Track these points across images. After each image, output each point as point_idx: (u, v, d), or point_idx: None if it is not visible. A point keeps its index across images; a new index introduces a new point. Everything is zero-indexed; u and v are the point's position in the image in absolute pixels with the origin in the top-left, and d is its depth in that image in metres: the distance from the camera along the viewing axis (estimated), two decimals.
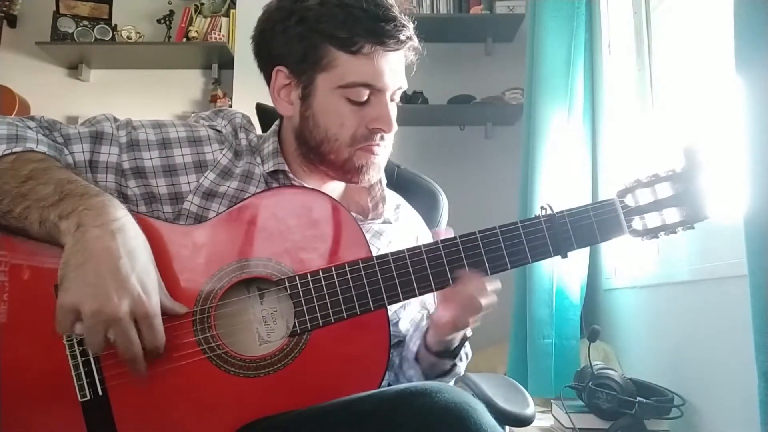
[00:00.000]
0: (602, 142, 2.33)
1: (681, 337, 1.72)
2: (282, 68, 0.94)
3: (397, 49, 0.91)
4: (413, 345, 1.00)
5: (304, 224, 0.87)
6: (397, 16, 0.90)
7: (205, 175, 0.94)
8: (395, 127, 0.94)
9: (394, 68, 0.92)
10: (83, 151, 0.90)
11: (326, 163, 0.95)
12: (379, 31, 0.89)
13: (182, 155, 0.94)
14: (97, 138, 0.91)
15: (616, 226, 0.88)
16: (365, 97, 0.91)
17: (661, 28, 2.10)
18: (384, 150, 0.96)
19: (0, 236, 0.81)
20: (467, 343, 1.00)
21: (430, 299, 1.06)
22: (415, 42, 0.94)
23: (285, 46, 0.93)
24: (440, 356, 0.95)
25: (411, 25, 0.93)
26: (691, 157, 0.87)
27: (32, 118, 0.90)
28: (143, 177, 0.92)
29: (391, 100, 0.94)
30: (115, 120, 0.95)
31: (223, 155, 0.96)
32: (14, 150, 0.81)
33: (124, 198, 0.92)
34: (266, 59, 0.97)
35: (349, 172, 0.95)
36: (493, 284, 0.87)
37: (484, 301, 0.85)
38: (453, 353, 0.96)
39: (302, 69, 0.92)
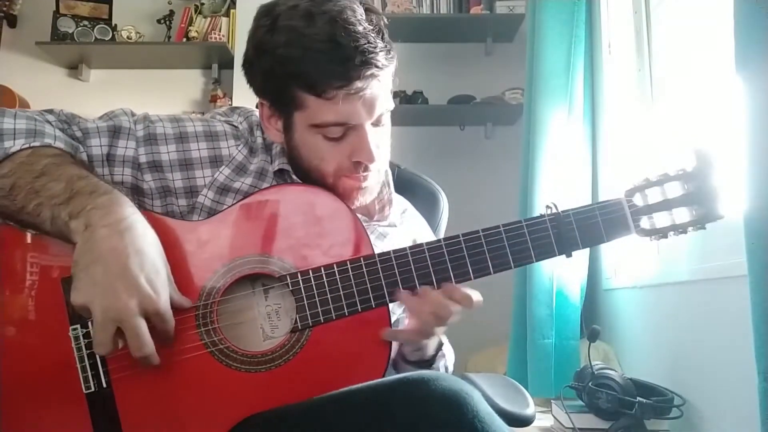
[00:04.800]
0: (602, 142, 2.33)
1: (681, 337, 1.72)
2: (264, 101, 0.93)
3: (362, 89, 0.85)
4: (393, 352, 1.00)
5: (308, 221, 0.88)
6: (359, 50, 0.83)
7: (220, 170, 0.95)
8: (378, 158, 0.91)
9: (369, 100, 0.87)
10: (101, 145, 0.90)
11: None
12: (340, 74, 0.84)
13: (198, 149, 0.94)
14: (114, 132, 0.92)
15: (623, 225, 0.87)
16: (340, 134, 0.88)
17: (661, 28, 2.10)
18: (372, 175, 0.94)
19: (9, 230, 0.82)
20: (447, 357, 1.00)
21: None
22: (387, 69, 0.87)
23: (262, 83, 0.92)
24: (416, 365, 0.95)
25: (382, 54, 0.85)
26: (702, 156, 0.86)
27: (51, 112, 0.91)
28: (159, 171, 0.93)
29: (376, 125, 0.91)
30: (133, 114, 0.96)
31: (239, 151, 0.96)
32: (32, 145, 0.82)
33: (139, 192, 0.93)
34: (253, 90, 0.95)
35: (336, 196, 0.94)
36: (458, 295, 0.84)
37: (444, 313, 0.84)
38: (428, 363, 0.95)
39: (279, 105, 0.91)
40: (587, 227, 0.86)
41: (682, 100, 1.91)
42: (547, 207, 0.87)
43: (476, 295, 0.85)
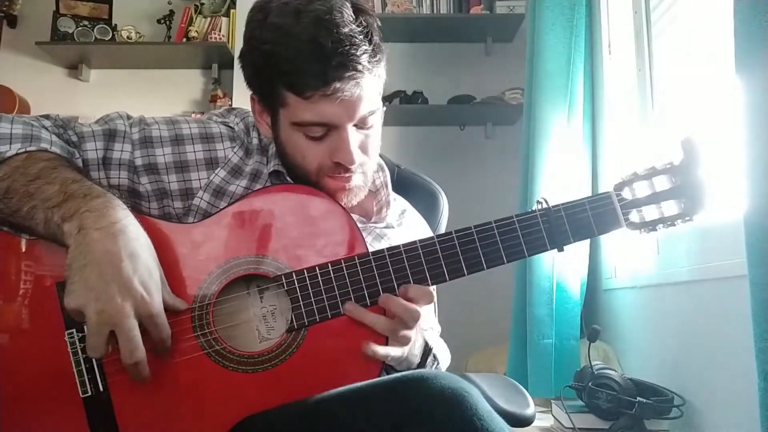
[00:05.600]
0: (602, 142, 2.33)
1: (681, 337, 1.72)
2: (254, 96, 0.94)
3: (340, 90, 0.84)
4: None
5: (301, 221, 0.88)
6: (339, 53, 0.83)
7: (216, 172, 0.95)
8: (359, 160, 0.90)
9: (349, 102, 0.86)
10: (96, 149, 0.90)
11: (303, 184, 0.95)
12: (319, 75, 0.83)
13: (194, 152, 0.94)
14: (110, 136, 0.92)
15: (613, 219, 0.88)
16: (320, 134, 0.88)
17: (661, 28, 2.10)
18: (357, 177, 0.93)
19: (2, 236, 0.82)
20: (440, 362, 1.00)
21: None
22: (370, 72, 0.87)
23: (252, 77, 0.92)
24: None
25: (365, 57, 0.85)
26: (689, 149, 0.87)
27: (47, 117, 0.91)
28: (155, 173, 0.93)
29: (361, 127, 0.90)
30: (128, 117, 0.96)
31: (234, 153, 0.97)
32: (28, 149, 0.82)
33: (136, 194, 0.93)
34: (245, 83, 0.96)
35: None
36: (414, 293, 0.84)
37: (398, 311, 0.83)
38: (418, 368, 0.95)
39: (266, 101, 0.92)
40: (578, 221, 0.88)
41: (682, 101, 1.91)
42: (538, 202, 0.89)
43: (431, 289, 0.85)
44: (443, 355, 1.03)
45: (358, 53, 0.84)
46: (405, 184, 1.24)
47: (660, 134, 2.02)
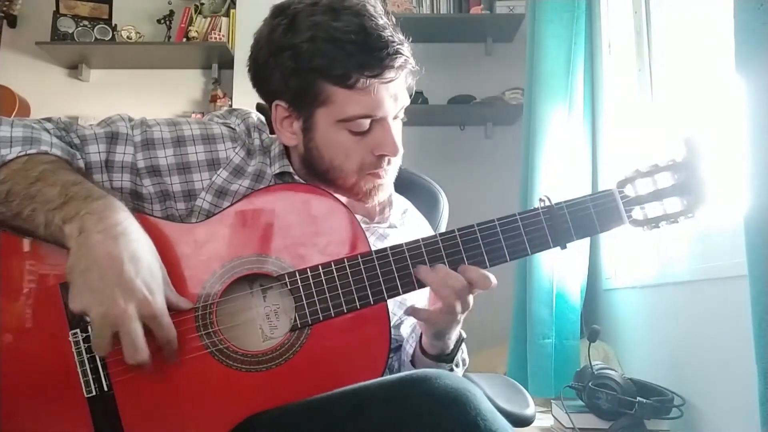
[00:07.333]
0: (602, 142, 2.33)
1: (681, 337, 1.72)
2: (281, 102, 0.93)
3: (394, 78, 0.88)
4: (409, 347, 1.01)
5: (304, 220, 0.88)
6: (388, 41, 0.86)
7: (218, 173, 0.95)
8: (401, 149, 0.92)
9: (394, 92, 0.89)
10: (99, 152, 0.90)
11: (334, 187, 0.95)
12: (373, 63, 0.85)
13: (196, 153, 0.94)
14: (112, 138, 0.92)
15: (616, 216, 0.88)
16: (367, 127, 0.89)
17: (661, 27, 2.10)
18: (392, 170, 0.95)
19: (4, 237, 0.82)
20: (464, 350, 1.00)
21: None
22: (412, 63, 0.91)
23: (280, 82, 0.91)
24: (436, 360, 0.95)
25: (406, 45, 0.89)
26: (691, 146, 0.87)
27: (50, 120, 0.91)
28: (158, 175, 0.93)
29: (395, 118, 0.92)
30: (130, 119, 0.96)
31: (236, 153, 0.96)
32: (28, 152, 0.82)
33: (139, 197, 0.93)
34: (264, 93, 0.95)
35: (357, 195, 0.94)
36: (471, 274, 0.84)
37: (456, 284, 0.83)
38: (449, 357, 0.95)
39: (300, 104, 0.91)
40: (580, 219, 0.87)
41: (681, 100, 1.91)
42: (541, 200, 0.88)
43: (492, 278, 0.85)
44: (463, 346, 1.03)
45: (402, 42, 0.88)
46: (405, 184, 1.23)
47: (660, 134, 2.02)
